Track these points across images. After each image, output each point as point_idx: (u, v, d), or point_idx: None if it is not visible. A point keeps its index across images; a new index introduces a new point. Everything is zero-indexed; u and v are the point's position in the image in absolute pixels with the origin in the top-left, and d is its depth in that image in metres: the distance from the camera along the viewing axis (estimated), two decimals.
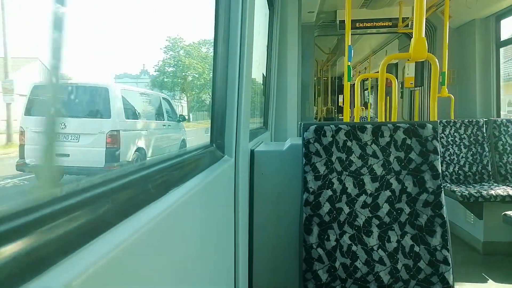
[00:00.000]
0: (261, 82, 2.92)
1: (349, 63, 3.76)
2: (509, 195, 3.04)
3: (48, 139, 0.50)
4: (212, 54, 1.25)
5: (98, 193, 0.54)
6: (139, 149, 1.40)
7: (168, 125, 1.77)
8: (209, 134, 1.24)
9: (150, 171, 0.74)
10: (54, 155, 0.50)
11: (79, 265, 0.39)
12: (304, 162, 1.49)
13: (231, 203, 1.26)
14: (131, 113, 1.41)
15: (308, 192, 1.47)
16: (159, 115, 1.64)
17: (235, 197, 1.30)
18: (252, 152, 1.65)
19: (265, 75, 2.89)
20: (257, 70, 2.76)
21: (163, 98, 1.68)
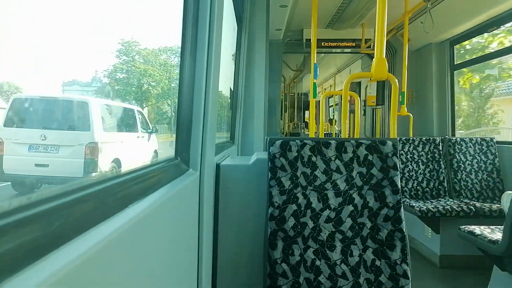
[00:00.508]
0: (228, 96, 2.93)
1: (315, 80, 3.86)
2: (463, 210, 3.20)
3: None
4: (172, 62, 1.24)
5: (53, 206, 0.51)
6: (115, 160, 1.45)
7: (142, 137, 1.84)
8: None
9: (110, 184, 0.72)
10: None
11: (28, 282, 0.38)
12: (269, 177, 1.50)
13: (195, 217, 1.24)
14: (109, 126, 1.48)
15: (273, 206, 1.47)
16: (133, 127, 1.69)
17: (199, 211, 1.27)
18: (218, 166, 1.63)
19: (232, 89, 2.90)
20: (225, 84, 2.76)
21: (137, 111, 1.74)
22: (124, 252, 0.60)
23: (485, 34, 4.45)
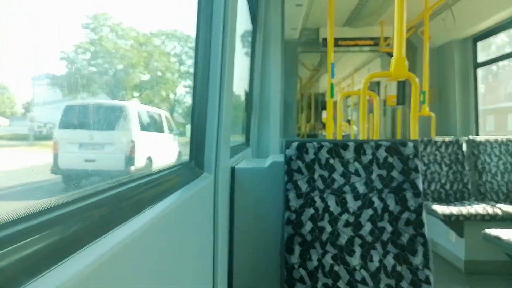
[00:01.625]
0: (244, 98, 2.90)
1: (332, 80, 3.79)
2: (488, 214, 3.08)
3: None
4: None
5: (70, 211, 0.52)
6: (148, 158, 1.68)
7: (169, 138, 2.01)
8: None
9: (125, 188, 0.73)
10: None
11: (47, 286, 0.38)
12: (286, 180, 1.46)
13: (210, 221, 1.21)
14: (143, 127, 1.75)
15: (290, 210, 1.43)
16: (162, 128, 1.90)
17: (214, 215, 1.25)
18: (233, 169, 1.61)
19: (247, 90, 2.87)
20: (240, 85, 2.74)
21: (165, 116, 1.95)
22: (139, 257, 0.60)
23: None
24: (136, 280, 0.59)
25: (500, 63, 4.81)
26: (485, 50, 5.02)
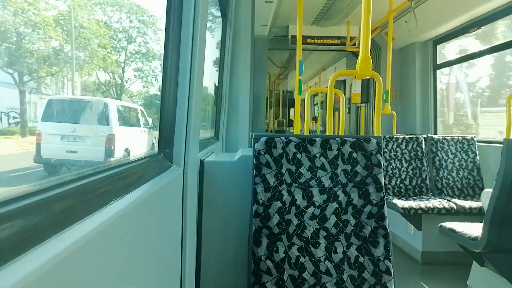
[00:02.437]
0: (213, 92, 2.89)
1: (300, 77, 3.85)
2: (444, 208, 3.25)
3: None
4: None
5: (31, 203, 0.50)
6: (126, 149, 1.81)
7: (143, 131, 2.14)
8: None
9: (91, 180, 0.70)
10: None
11: (4, 281, 0.36)
12: (254, 174, 1.48)
13: (178, 214, 1.21)
14: (121, 122, 1.86)
15: (258, 203, 1.45)
16: (138, 123, 2.04)
17: (183, 208, 1.25)
18: (202, 162, 1.61)
19: (217, 84, 2.87)
20: (209, 79, 2.73)
21: (140, 110, 2.08)
22: (105, 250, 0.59)
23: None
24: (102, 273, 0.58)
25: None
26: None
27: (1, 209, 0.44)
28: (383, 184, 1.51)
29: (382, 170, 1.52)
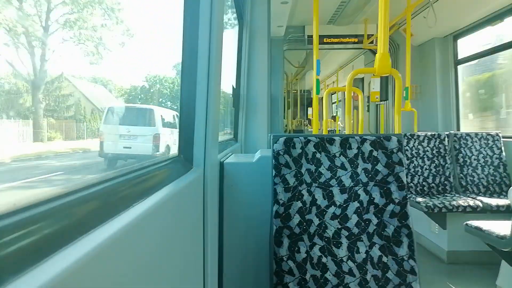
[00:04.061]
0: (231, 94, 2.92)
1: (318, 77, 3.84)
2: (470, 206, 3.17)
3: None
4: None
5: (57, 206, 0.51)
6: (167, 145, 2.22)
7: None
8: None
9: (114, 183, 0.72)
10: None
11: (32, 283, 0.37)
12: (273, 174, 1.49)
13: (199, 215, 1.23)
14: (164, 124, 2.27)
15: (278, 204, 1.46)
16: (175, 124, 2.35)
17: (204, 210, 1.26)
18: (221, 164, 1.63)
19: (234, 87, 2.89)
20: (227, 82, 2.75)
21: (176, 114, 2.42)
22: (128, 252, 0.60)
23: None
24: (126, 275, 0.59)
25: None
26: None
27: (28, 213, 0.45)
28: (405, 182, 1.49)
29: (404, 168, 1.50)
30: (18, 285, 0.36)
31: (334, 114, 13.26)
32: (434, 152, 3.78)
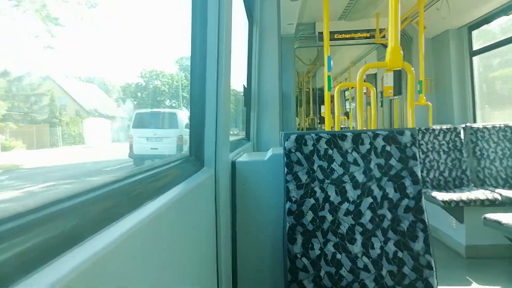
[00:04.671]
0: (242, 93, 2.93)
1: (329, 73, 3.81)
2: (488, 199, 3.11)
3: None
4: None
5: (68, 206, 0.52)
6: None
7: None
8: None
9: (126, 182, 0.73)
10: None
11: (47, 279, 0.38)
12: (285, 172, 1.49)
13: (212, 213, 1.24)
14: (186, 126, 2.32)
15: (291, 201, 1.46)
16: None
17: (216, 209, 1.27)
18: (233, 163, 1.63)
19: (245, 86, 2.90)
20: (238, 81, 2.76)
21: None
22: (140, 251, 0.60)
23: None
24: (138, 273, 0.59)
25: None
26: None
27: (43, 212, 0.46)
28: (419, 177, 1.47)
29: (418, 162, 1.48)
30: (31, 282, 0.37)
31: (347, 111, 13.15)
32: (450, 145, 3.71)
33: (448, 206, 3.15)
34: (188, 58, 1.26)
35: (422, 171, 3.56)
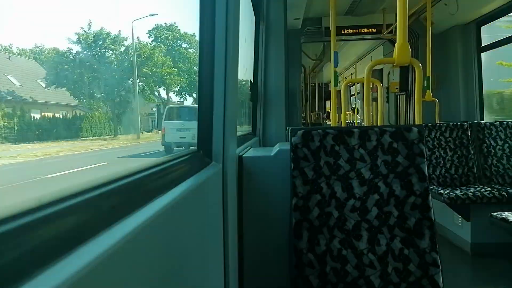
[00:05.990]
0: (249, 88, 2.93)
1: (335, 69, 3.80)
2: (494, 197, 3.09)
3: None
4: None
5: (78, 202, 0.52)
6: None
7: None
8: None
9: (135, 178, 0.72)
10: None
11: (57, 276, 0.38)
12: (292, 167, 1.49)
13: (219, 209, 1.24)
14: None
15: (297, 197, 1.46)
16: None
17: (223, 203, 1.28)
18: (240, 158, 1.64)
19: (252, 81, 2.89)
20: (245, 76, 2.76)
21: None
22: (148, 247, 0.61)
23: None
24: (146, 269, 0.59)
25: None
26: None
27: (48, 210, 0.46)
28: (426, 173, 1.46)
29: (425, 159, 1.47)
30: (40, 281, 0.37)
31: (353, 106, 13.09)
32: (456, 142, 3.69)
33: (454, 203, 3.13)
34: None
35: (428, 168, 3.55)
